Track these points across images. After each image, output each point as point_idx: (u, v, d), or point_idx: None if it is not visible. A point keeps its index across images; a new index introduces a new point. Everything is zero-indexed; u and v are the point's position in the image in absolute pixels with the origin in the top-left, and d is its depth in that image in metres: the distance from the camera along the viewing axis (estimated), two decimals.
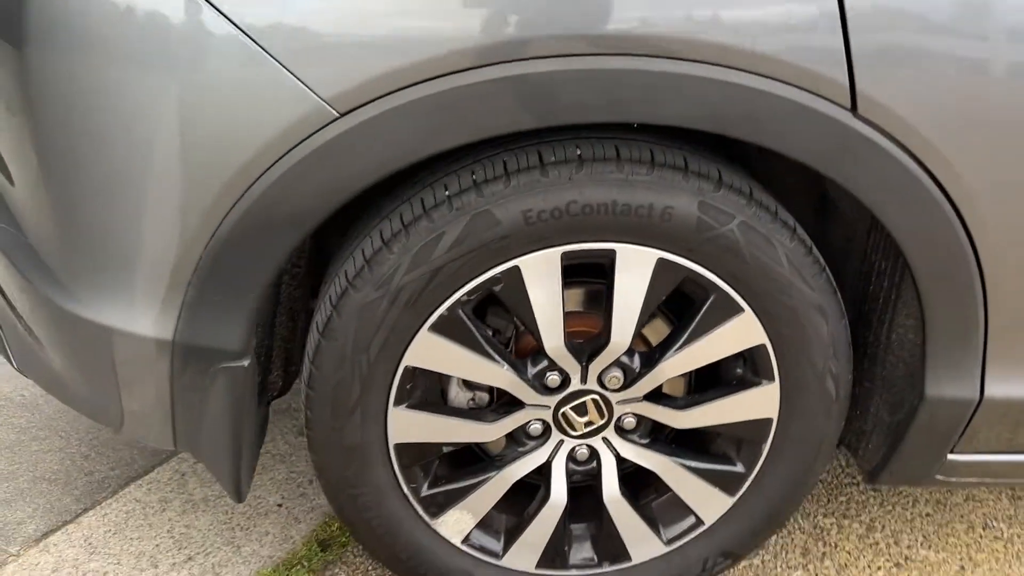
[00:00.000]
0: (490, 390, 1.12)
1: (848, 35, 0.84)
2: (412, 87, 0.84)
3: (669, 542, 1.17)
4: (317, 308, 1.02)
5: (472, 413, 1.10)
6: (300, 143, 0.86)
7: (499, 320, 1.08)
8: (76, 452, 1.49)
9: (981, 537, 1.42)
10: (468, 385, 1.11)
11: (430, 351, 1.01)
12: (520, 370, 1.04)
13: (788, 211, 1.00)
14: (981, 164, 0.91)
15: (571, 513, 1.16)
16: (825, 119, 0.88)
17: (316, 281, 1.11)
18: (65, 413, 1.58)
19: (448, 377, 1.09)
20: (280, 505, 1.40)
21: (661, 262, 0.97)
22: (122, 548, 1.30)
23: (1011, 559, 1.37)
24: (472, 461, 1.16)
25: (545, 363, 1.05)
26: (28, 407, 1.60)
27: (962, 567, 1.36)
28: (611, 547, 1.17)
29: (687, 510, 1.16)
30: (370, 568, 1.30)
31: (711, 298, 1.01)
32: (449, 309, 0.98)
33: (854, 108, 0.88)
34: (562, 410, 1.08)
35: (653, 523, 1.16)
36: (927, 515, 1.46)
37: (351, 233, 1.02)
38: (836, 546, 1.39)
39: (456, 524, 1.13)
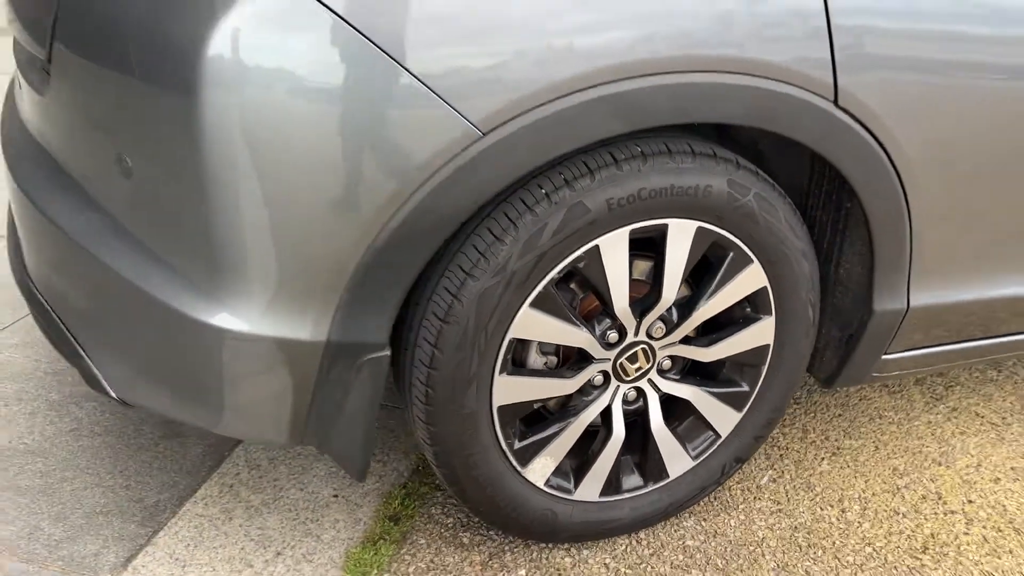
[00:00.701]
0: (556, 351, 1.34)
1: (833, 50, 1.17)
2: (538, 107, 1.06)
3: (695, 456, 1.46)
4: (430, 300, 1.19)
5: (554, 372, 1.32)
6: (451, 159, 1.05)
7: (566, 291, 1.31)
8: (114, 484, 1.53)
9: (880, 423, 1.84)
10: (542, 350, 1.33)
11: (529, 324, 1.22)
12: (592, 330, 1.28)
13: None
14: (915, 141, 1.27)
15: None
16: (818, 110, 1.20)
17: None
18: (83, 451, 1.60)
19: (527, 345, 1.31)
20: (336, 496, 1.54)
21: (700, 230, 1.26)
22: (210, 556, 1.39)
23: (905, 435, 1.80)
24: (538, 419, 1.38)
25: (608, 322, 1.30)
26: (38, 452, 1.59)
27: (876, 447, 1.77)
28: (654, 469, 1.44)
29: (708, 428, 1.45)
30: (443, 530, 1.48)
31: (730, 256, 1.30)
32: (544, 286, 1.20)
33: (836, 101, 1.20)
34: (620, 360, 1.33)
35: (682, 443, 1.45)
36: (839, 415, 1.87)
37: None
38: (787, 448, 1.75)
39: (541, 469, 1.35)
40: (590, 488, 1.41)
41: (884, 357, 1.53)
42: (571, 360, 1.34)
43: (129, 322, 1.18)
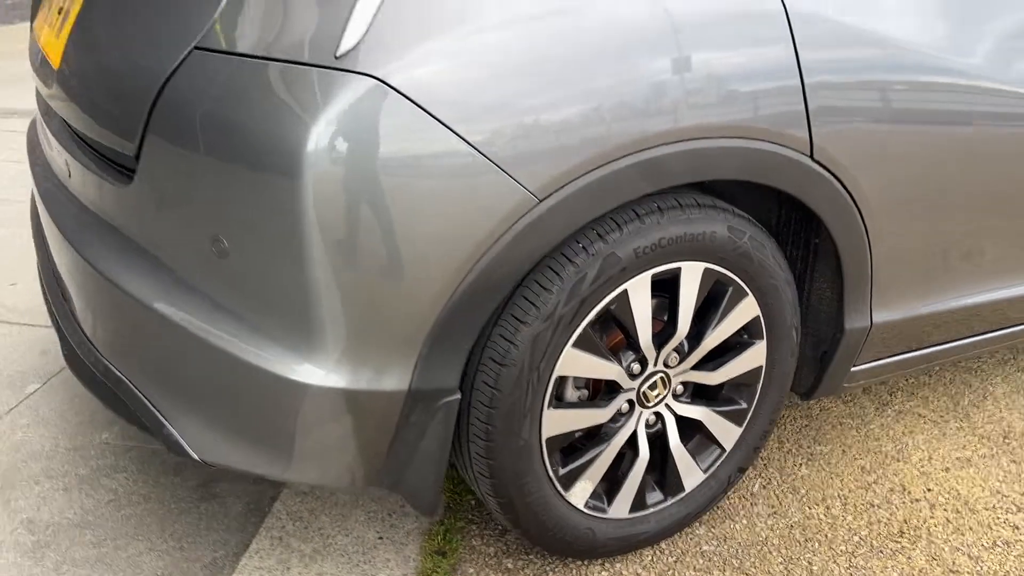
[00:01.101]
0: (587, 384, 1.51)
1: (809, 116, 1.40)
2: (584, 175, 1.25)
3: (706, 470, 1.65)
4: (486, 346, 1.34)
5: (591, 403, 1.49)
6: (515, 223, 1.22)
7: (597, 331, 1.48)
8: (167, 547, 1.60)
9: (841, 430, 2.08)
10: (576, 384, 1.50)
11: (572, 362, 1.39)
12: (620, 363, 1.46)
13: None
14: (873, 184, 1.51)
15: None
16: (800, 165, 1.43)
17: None
18: (128, 519, 1.66)
19: (566, 380, 1.47)
20: (380, 537, 1.65)
21: (706, 270, 1.46)
22: None
23: (864, 437, 2.05)
24: (572, 448, 1.54)
25: (632, 355, 1.48)
26: (84, 525, 1.64)
27: (843, 450, 2.00)
28: (673, 484, 1.63)
29: (715, 443, 1.65)
30: (487, 559, 1.61)
31: (729, 290, 1.51)
32: (584, 328, 1.38)
33: (812, 155, 1.44)
34: (643, 389, 1.52)
35: (695, 458, 1.64)
36: (807, 425, 2.10)
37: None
38: (769, 458, 1.96)
39: (581, 492, 1.51)
40: (621, 506, 1.58)
41: (853, 369, 1.77)
42: (600, 391, 1.51)
43: (222, 388, 1.29)
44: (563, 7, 1.20)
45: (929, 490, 1.88)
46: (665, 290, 1.48)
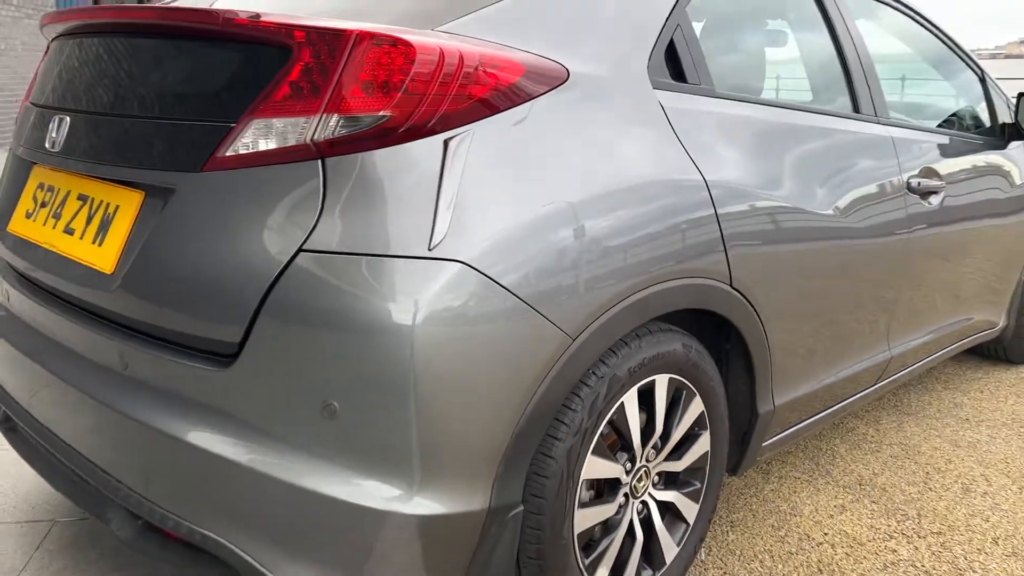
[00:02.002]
0: (591, 485, 1.84)
1: (728, 258, 1.89)
2: (604, 314, 1.63)
3: (679, 544, 2.02)
4: (531, 463, 1.65)
5: (601, 500, 1.82)
6: (558, 359, 1.57)
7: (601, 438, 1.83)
8: None
9: (746, 499, 2.54)
10: (586, 486, 1.82)
11: (591, 466, 1.73)
12: (619, 462, 1.82)
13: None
14: (767, 301, 2.02)
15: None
16: (724, 291, 1.90)
17: None
18: None
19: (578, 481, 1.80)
20: None
21: (671, 379, 1.87)
22: None
23: (764, 501, 2.52)
24: (588, 542, 1.85)
25: (625, 455, 1.84)
26: None
27: (753, 515, 2.46)
28: (658, 559, 1.97)
29: (682, 520, 2.02)
30: None
31: (684, 394, 1.93)
32: (597, 437, 1.73)
33: (731, 283, 1.92)
34: (633, 482, 1.88)
35: (670, 535, 2.00)
36: (719, 500, 2.54)
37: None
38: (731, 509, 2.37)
39: (602, 574, 1.82)
40: None
41: (763, 444, 2.24)
42: (603, 490, 1.85)
43: (333, 533, 1.48)
44: (572, 205, 1.61)
45: (825, 534, 2.37)
46: (643, 399, 1.87)
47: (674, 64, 1.93)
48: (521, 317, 1.51)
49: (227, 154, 1.50)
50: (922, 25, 3.04)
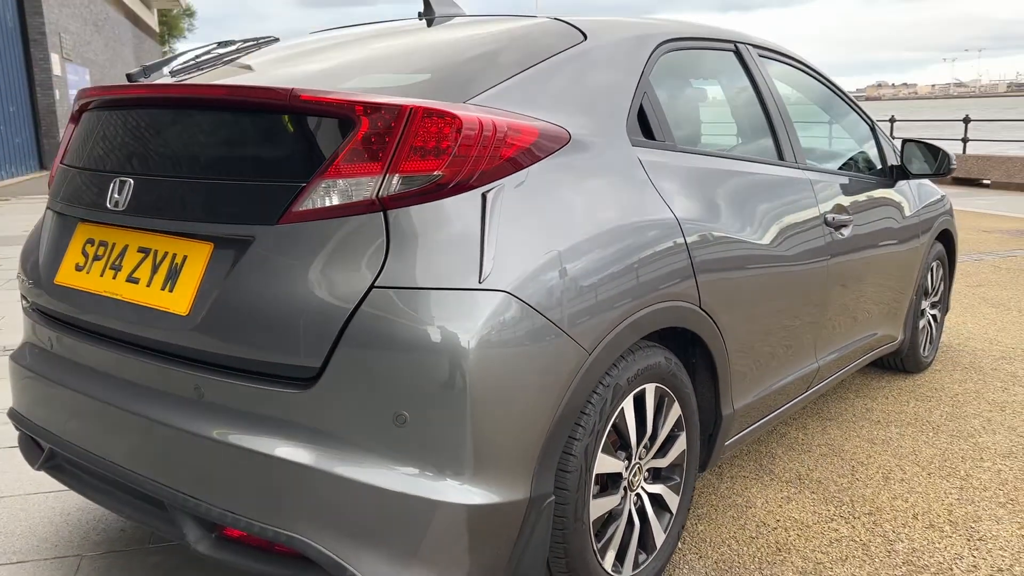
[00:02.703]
0: (599, 478, 2.15)
1: (698, 285, 2.27)
2: (611, 332, 1.97)
3: (665, 530, 2.36)
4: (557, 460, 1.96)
5: (606, 492, 2.14)
6: (579, 370, 1.90)
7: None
8: None
9: (707, 496, 2.91)
10: (597, 478, 2.14)
11: (602, 462, 2.06)
12: (621, 460, 2.15)
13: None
14: (727, 319, 2.41)
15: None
16: (695, 312, 2.28)
17: None
18: None
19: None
20: None
21: (656, 388, 2.23)
22: None
23: (722, 498, 2.89)
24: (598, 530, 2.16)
25: (623, 453, 2.18)
26: None
27: (715, 509, 2.82)
28: (651, 544, 2.31)
29: (667, 509, 2.37)
30: None
31: (665, 400, 2.29)
32: (605, 437, 2.06)
33: (701, 305, 2.30)
34: (629, 477, 2.21)
35: (659, 522, 2.34)
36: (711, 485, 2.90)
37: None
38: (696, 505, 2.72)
39: (609, 560, 2.14)
40: (628, 567, 2.22)
41: (726, 443, 2.61)
42: (607, 484, 2.17)
43: (400, 525, 1.74)
44: (583, 243, 1.95)
45: (778, 521, 2.75)
46: (635, 406, 2.21)
47: (644, 125, 2.32)
48: (551, 335, 1.84)
49: (301, 209, 1.78)
50: (824, 84, 3.57)
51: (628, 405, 2.12)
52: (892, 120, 19.10)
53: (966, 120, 16.50)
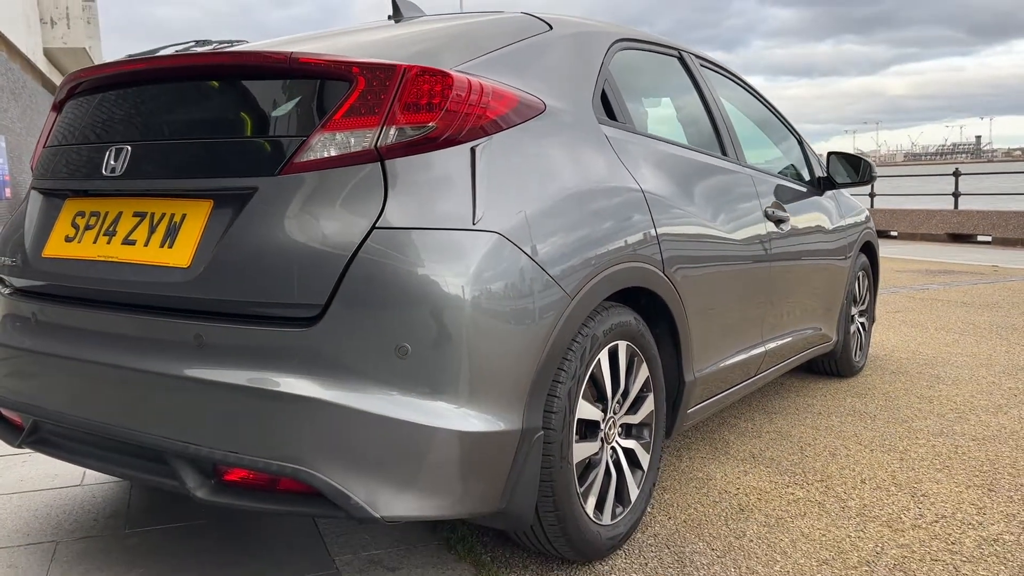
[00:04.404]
0: (579, 425, 2.26)
1: (661, 252, 2.45)
2: (590, 282, 2.12)
3: (639, 485, 2.48)
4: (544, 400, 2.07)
5: (587, 438, 2.25)
6: (563, 313, 2.04)
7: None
8: None
9: (670, 472, 3.04)
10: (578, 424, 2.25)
11: (582, 408, 2.19)
12: (599, 409, 2.28)
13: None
14: (686, 287, 2.59)
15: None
16: (659, 276, 2.45)
17: None
18: None
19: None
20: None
21: (628, 346, 2.38)
22: None
23: (683, 473, 3.03)
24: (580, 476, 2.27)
25: (600, 405, 2.31)
26: None
27: (679, 481, 2.96)
28: (626, 497, 2.42)
29: (638, 466, 2.49)
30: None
31: (635, 360, 2.44)
32: (585, 384, 2.19)
33: (664, 270, 2.48)
34: (606, 430, 2.34)
35: (633, 477, 2.46)
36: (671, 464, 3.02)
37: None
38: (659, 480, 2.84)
39: (590, 505, 2.25)
40: (607, 516, 2.33)
41: (688, 411, 2.77)
42: (586, 432, 2.29)
43: (400, 453, 1.82)
44: (560, 200, 2.12)
45: (739, 489, 2.90)
46: (610, 362, 2.35)
47: (607, 107, 2.53)
48: (538, 277, 1.98)
49: (302, 160, 1.90)
50: (758, 99, 3.87)
51: (604, 357, 2.26)
52: None
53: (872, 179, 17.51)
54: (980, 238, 14.75)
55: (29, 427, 2.28)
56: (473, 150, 1.98)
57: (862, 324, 4.73)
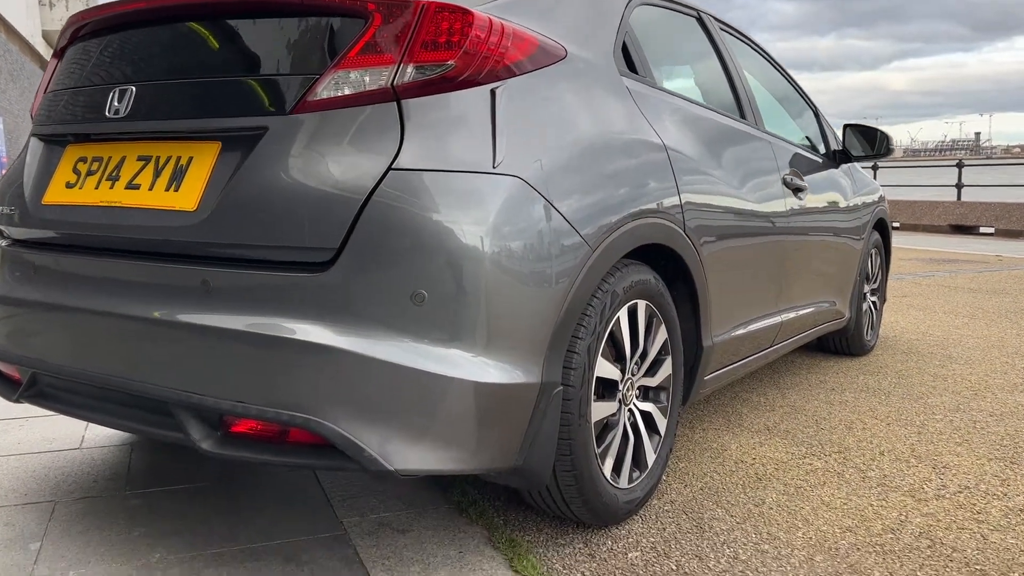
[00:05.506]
0: (597, 384, 2.18)
1: (683, 211, 2.37)
2: (611, 234, 2.04)
3: (656, 450, 2.41)
4: (564, 357, 1.99)
5: (605, 398, 2.18)
6: (584, 267, 1.96)
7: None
8: None
9: (684, 442, 2.97)
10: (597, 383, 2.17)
11: (600, 366, 2.11)
12: (617, 368, 2.21)
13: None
14: (706, 248, 2.52)
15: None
16: (680, 234, 2.38)
17: None
18: None
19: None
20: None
21: (647, 306, 2.30)
22: None
23: (698, 444, 2.96)
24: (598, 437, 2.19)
25: (619, 364, 2.23)
26: None
27: (693, 451, 2.89)
28: (642, 462, 2.35)
29: (655, 431, 2.42)
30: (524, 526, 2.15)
31: (654, 321, 2.36)
32: (603, 342, 2.12)
33: (684, 229, 2.40)
34: (624, 390, 2.26)
35: (650, 442, 2.39)
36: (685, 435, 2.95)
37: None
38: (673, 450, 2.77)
39: (607, 467, 2.17)
40: (624, 479, 2.25)
41: (705, 378, 2.69)
42: (603, 393, 2.21)
43: (415, 404, 1.75)
44: (581, 149, 2.04)
45: (754, 459, 2.83)
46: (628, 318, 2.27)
47: (628, 59, 2.44)
48: (559, 225, 1.90)
49: (316, 98, 1.82)
50: (775, 67, 3.79)
51: (623, 316, 2.19)
52: None
53: (874, 167, 17.43)
54: (983, 229, 14.67)
55: (27, 380, 2.20)
56: (493, 92, 1.90)
57: (873, 303, 4.66)
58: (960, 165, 15.56)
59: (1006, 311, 6.05)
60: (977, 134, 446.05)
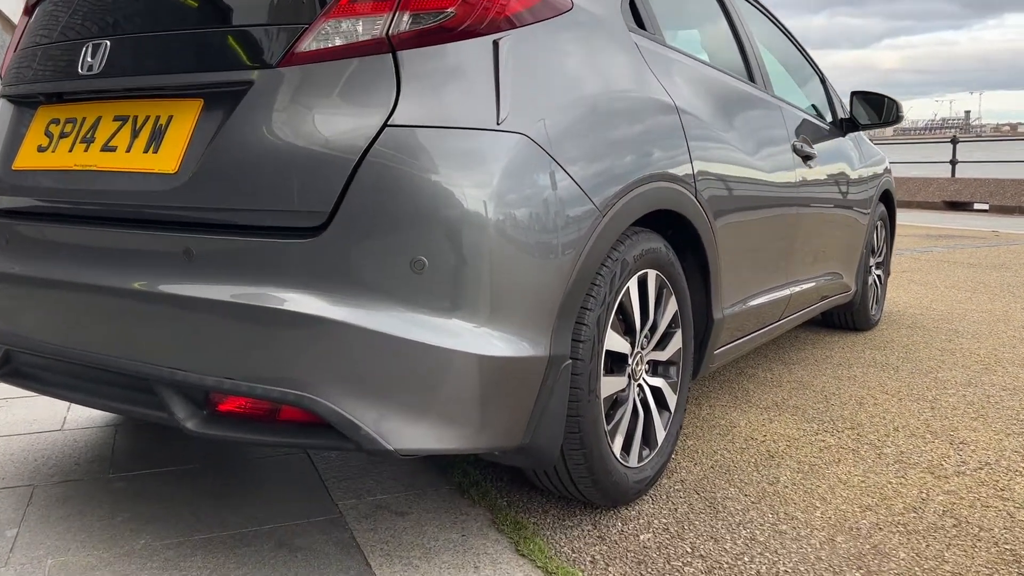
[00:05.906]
0: (607, 358, 2.06)
1: (695, 178, 2.25)
2: (621, 199, 1.91)
3: (665, 427, 2.30)
4: (572, 329, 1.87)
5: (614, 372, 2.06)
6: (593, 233, 1.84)
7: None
8: None
9: (692, 420, 2.86)
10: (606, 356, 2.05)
11: (610, 339, 1.99)
12: (627, 341, 2.09)
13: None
14: (717, 217, 2.39)
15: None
16: (692, 201, 2.25)
17: None
18: None
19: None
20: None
21: (657, 276, 2.18)
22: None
23: (706, 421, 2.85)
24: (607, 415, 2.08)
25: (629, 337, 2.11)
26: None
27: (703, 427, 2.78)
28: (652, 439, 2.24)
29: (665, 407, 2.31)
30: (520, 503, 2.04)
31: (664, 291, 2.24)
32: (614, 314, 1.99)
33: (696, 195, 2.27)
34: (633, 365, 2.15)
35: (660, 419, 2.27)
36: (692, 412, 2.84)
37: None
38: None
39: (616, 445, 2.06)
40: (634, 457, 2.14)
41: (715, 352, 2.58)
42: (613, 367, 2.09)
43: (416, 379, 1.63)
44: (589, 106, 1.91)
45: (765, 436, 2.73)
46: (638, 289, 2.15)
47: (636, 16, 2.30)
48: (567, 186, 1.77)
49: (305, 50, 1.68)
50: (783, 32, 3.65)
51: (633, 286, 2.07)
52: None
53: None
54: (977, 206, 14.61)
55: (1, 358, 2.06)
56: (496, 43, 1.76)
57: (878, 276, 4.56)
58: (955, 141, 15.46)
59: (1008, 285, 5.97)
60: (967, 112, 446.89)
